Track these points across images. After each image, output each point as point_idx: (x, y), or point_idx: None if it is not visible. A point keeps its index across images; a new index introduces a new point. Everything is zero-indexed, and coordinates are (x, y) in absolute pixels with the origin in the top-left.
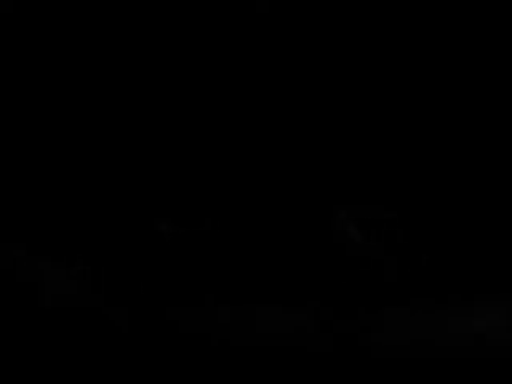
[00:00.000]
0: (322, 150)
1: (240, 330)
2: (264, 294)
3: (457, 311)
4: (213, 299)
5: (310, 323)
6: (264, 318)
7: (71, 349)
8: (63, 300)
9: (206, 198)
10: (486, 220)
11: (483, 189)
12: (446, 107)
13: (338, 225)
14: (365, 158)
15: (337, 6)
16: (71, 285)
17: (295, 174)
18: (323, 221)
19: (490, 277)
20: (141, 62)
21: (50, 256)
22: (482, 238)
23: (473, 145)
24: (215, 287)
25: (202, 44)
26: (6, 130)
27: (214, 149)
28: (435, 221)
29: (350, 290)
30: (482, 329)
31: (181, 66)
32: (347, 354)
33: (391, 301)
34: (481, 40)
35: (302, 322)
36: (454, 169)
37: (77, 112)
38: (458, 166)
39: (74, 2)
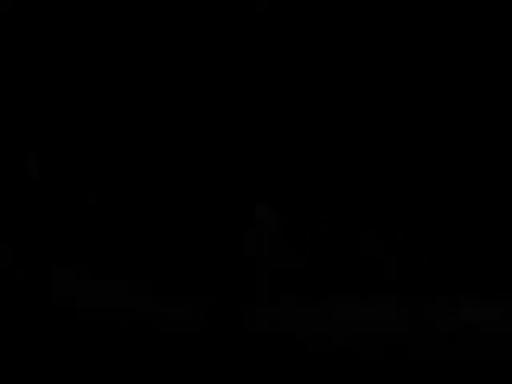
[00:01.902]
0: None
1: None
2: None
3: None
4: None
5: (199, 314)
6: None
7: (71, 347)
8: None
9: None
10: (485, 221)
11: (483, 190)
12: (442, 105)
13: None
14: (365, 159)
15: (337, 6)
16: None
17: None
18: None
19: (490, 277)
20: (141, 62)
21: (51, 256)
22: (482, 238)
23: (472, 145)
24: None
25: (202, 43)
26: (2, 130)
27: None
28: (435, 221)
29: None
30: (482, 329)
31: (181, 65)
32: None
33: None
34: (481, 41)
35: (193, 313)
36: (454, 170)
37: (74, 112)
38: (458, 167)
39: (74, 2)
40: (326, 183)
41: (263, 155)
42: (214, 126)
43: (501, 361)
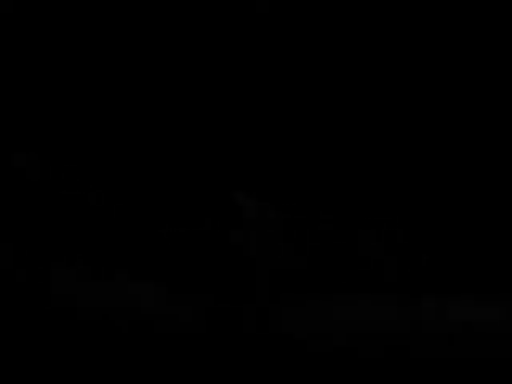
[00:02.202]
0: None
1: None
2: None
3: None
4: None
5: (199, 315)
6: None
7: (71, 347)
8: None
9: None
10: (485, 221)
11: (483, 190)
12: (441, 105)
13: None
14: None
15: (337, 6)
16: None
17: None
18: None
19: (490, 277)
20: (140, 62)
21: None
22: (482, 238)
23: (471, 146)
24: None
25: (202, 44)
26: (1, 130)
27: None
28: (435, 221)
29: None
30: (482, 329)
31: (181, 66)
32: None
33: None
34: (481, 41)
35: (193, 314)
36: (454, 171)
37: (75, 112)
38: (458, 168)
39: (74, 2)
40: (326, 183)
41: (263, 155)
42: (214, 126)
43: (501, 361)
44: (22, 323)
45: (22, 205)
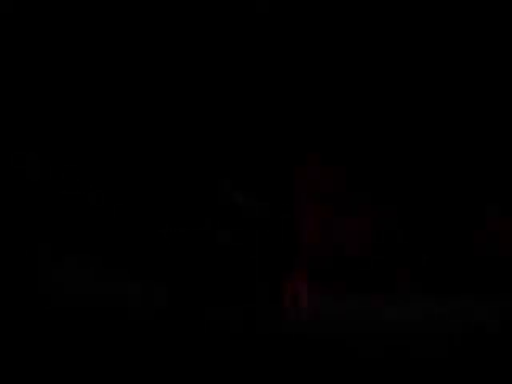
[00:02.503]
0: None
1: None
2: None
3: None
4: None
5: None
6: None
7: (71, 347)
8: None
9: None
10: (485, 221)
11: (482, 191)
12: (442, 106)
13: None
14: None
15: (336, 7)
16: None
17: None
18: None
19: (489, 276)
20: (140, 62)
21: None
22: (482, 238)
23: (472, 146)
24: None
25: (202, 43)
26: (2, 131)
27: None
28: (435, 221)
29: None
30: (482, 329)
31: (180, 65)
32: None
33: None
34: (480, 42)
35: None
36: (454, 171)
37: (76, 112)
38: (458, 168)
39: (74, 2)
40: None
41: (263, 156)
42: (214, 127)
43: (501, 361)
44: (21, 323)
45: (22, 205)
